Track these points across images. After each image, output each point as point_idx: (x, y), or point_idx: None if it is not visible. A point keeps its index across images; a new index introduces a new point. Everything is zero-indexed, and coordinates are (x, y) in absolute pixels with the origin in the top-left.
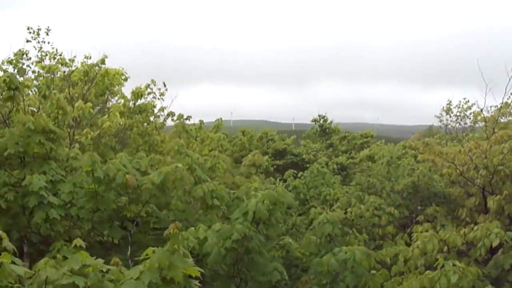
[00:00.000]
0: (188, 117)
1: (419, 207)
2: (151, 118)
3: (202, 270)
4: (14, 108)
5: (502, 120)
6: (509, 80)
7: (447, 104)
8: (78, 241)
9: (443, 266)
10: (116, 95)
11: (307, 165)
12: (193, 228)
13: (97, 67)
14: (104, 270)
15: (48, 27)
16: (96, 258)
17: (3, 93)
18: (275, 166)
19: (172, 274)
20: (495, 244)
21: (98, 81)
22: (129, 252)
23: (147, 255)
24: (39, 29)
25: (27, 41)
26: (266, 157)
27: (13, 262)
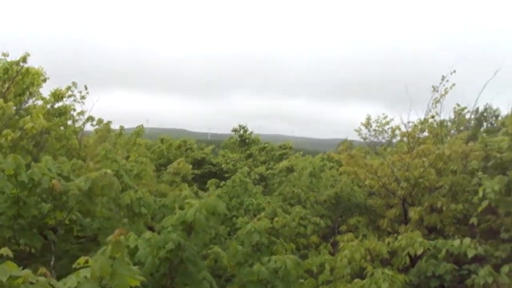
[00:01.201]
0: (109, 122)
1: (340, 218)
2: (69, 122)
3: (144, 279)
4: None
5: (420, 136)
6: (431, 97)
7: (366, 118)
8: (6, 250)
9: (372, 274)
10: (34, 96)
11: (226, 175)
12: (123, 237)
13: (17, 65)
14: (33, 282)
15: None
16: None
17: None
18: (193, 175)
19: (116, 283)
20: (419, 252)
21: (19, 80)
22: (52, 262)
23: (78, 264)
24: None
25: None
26: (189, 165)
27: None
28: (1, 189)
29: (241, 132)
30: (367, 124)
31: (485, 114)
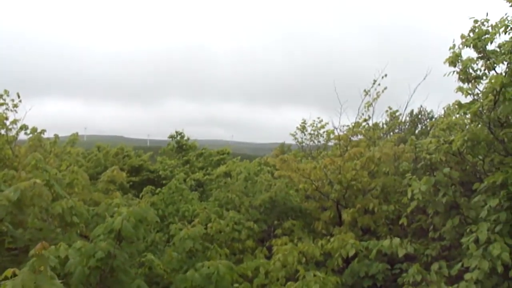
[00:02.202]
0: (43, 131)
1: (276, 222)
2: (2, 131)
3: None
4: None
5: (354, 139)
6: (362, 101)
7: (301, 123)
8: None
9: (304, 277)
10: None
11: (164, 181)
12: (53, 247)
13: None
14: None
15: None
16: None
17: None
18: (131, 183)
19: None
20: (351, 253)
21: None
22: None
23: (6, 277)
24: None
25: None
26: (124, 173)
27: None
28: None
29: (178, 138)
30: (303, 128)
31: (419, 116)
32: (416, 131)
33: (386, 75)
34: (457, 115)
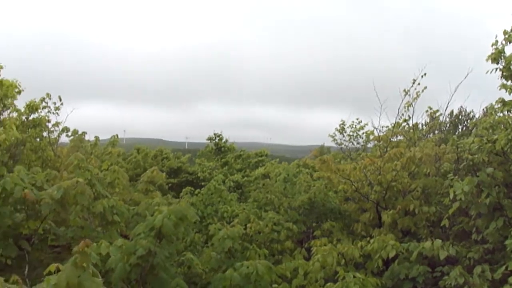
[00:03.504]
0: (84, 133)
1: (315, 223)
2: (45, 134)
3: None
4: None
5: (393, 140)
6: (402, 101)
7: (340, 124)
8: None
9: (344, 278)
10: (9, 108)
11: (202, 183)
12: (95, 244)
13: None
14: None
15: None
16: None
17: None
18: (169, 184)
19: None
20: (391, 255)
21: None
22: (26, 271)
23: (50, 272)
24: None
25: None
26: (164, 174)
27: None
28: None
29: (216, 140)
30: (342, 130)
31: (460, 117)
32: (456, 132)
33: (425, 74)
34: (501, 114)
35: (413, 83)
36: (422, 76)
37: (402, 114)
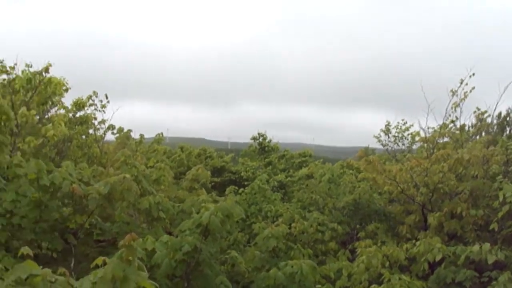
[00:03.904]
0: (129, 131)
1: (359, 225)
2: (91, 131)
3: (157, 285)
4: None
5: (440, 141)
6: (449, 102)
7: (386, 124)
8: (26, 249)
9: (389, 280)
10: (56, 105)
11: (245, 183)
12: (140, 240)
13: (40, 75)
14: (52, 281)
15: None
16: None
17: None
18: (212, 183)
19: (124, 287)
20: (438, 258)
21: (41, 89)
22: (72, 264)
23: (96, 265)
24: None
25: None
26: (208, 172)
27: None
28: (24, 192)
29: (260, 140)
30: (387, 131)
31: (508, 119)
32: (504, 135)
33: (473, 74)
34: None
35: (461, 83)
36: (470, 76)
37: (449, 115)
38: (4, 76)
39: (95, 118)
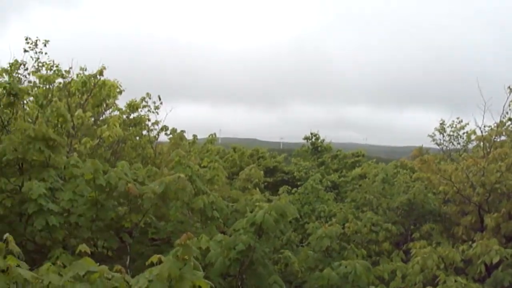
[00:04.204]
0: (182, 132)
1: (413, 225)
2: (144, 132)
3: (212, 284)
4: (13, 116)
5: (497, 139)
6: (507, 99)
7: (440, 123)
8: (83, 247)
9: (444, 282)
10: (110, 107)
11: (298, 183)
12: (195, 238)
13: (95, 78)
14: (109, 278)
15: (46, 40)
16: None
17: (3, 99)
18: (265, 183)
19: (179, 286)
20: (495, 260)
21: (96, 92)
22: (127, 262)
23: (151, 262)
24: (37, 40)
25: (25, 51)
26: (262, 172)
27: (18, 266)
28: (81, 192)
29: (313, 140)
30: (442, 130)
31: None
32: None
33: None
34: None
35: None
36: None
37: (507, 113)
38: (60, 80)
39: (149, 120)
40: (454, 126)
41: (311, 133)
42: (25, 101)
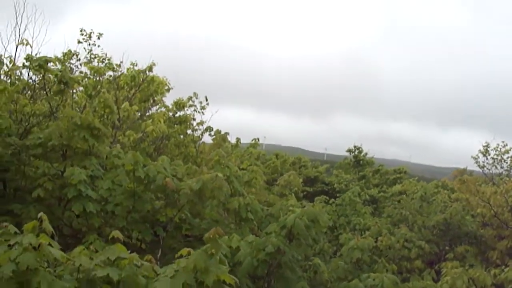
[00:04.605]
0: (226, 134)
1: (448, 247)
2: (189, 131)
3: (236, 279)
4: (62, 103)
5: None
6: None
7: (484, 146)
8: (116, 233)
9: None
10: (158, 104)
11: (337, 195)
12: (226, 237)
13: (144, 74)
14: (138, 265)
15: (100, 33)
16: None
17: (54, 87)
18: (304, 192)
19: (204, 278)
20: None
21: (144, 87)
22: (159, 255)
23: (181, 255)
24: (91, 32)
25: (79, 42)
26: (300, 180)
27: (50, 245)
28: (119, 182)
29: (356, 153)
30: (485, 152)
31: None
32: None
33: None
34: None
35: None
36: None
37: None
38: (110, 73)
39: (194, 119)
40: (499, 149)
41: (354, 146)
42: (74, 91)
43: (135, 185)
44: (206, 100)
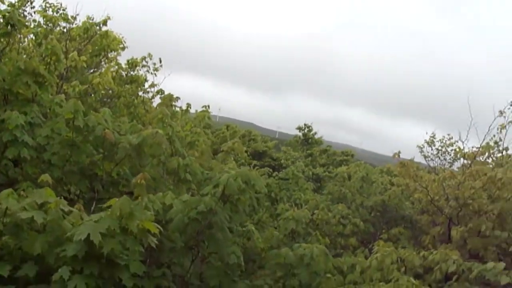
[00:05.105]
0: (177, 98)
1: (384, 227)
2: (140, 93)
3: (160, 228)
4: (8, 46)
5: (480, 159)
6: (493, 120)
7: (430, 136)
8: (45, 177)
9: (397, 280)
10: (111, 61)
11: (283, 171)
12: (161, 194)
13: (98, 27)
14: (66, 211)
15: None
16: None
17: (0, 28)
18: (252, 165)
19: (128, 223)
20: (451, 269)
21: (96, 40)
22: (93, 208)
23: (110, 205)
24: None
25: None
26: (244, 147)
27: None
28: (58, 130)
29: (306, 131)
30: (431, 142)
31: None
32: None
33: None
34: None
35: None
36: None
37: (494, 135)
38: (64, 24)
39: (146, 80)
40: (444, 141)
41: (305, 124)
42: (23, 36)
43: (74, 135)
44: (160, 62)
